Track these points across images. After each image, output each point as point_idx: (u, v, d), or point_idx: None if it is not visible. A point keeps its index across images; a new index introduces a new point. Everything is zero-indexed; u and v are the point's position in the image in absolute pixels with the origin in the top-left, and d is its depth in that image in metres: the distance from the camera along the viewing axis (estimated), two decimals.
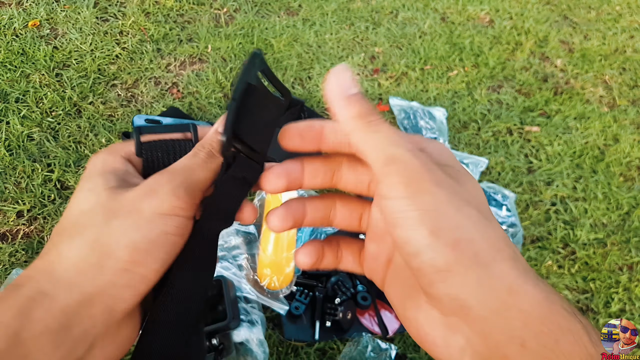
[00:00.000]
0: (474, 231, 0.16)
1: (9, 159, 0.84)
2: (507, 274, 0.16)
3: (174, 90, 1.02)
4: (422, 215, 0.16)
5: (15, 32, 1.05)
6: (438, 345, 0.17)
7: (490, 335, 0.16)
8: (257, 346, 0.65)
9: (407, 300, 0.19)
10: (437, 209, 0.16)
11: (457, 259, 0.16)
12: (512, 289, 0.16)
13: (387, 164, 0.17)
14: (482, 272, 0.16)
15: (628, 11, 1.48)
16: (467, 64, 1.20)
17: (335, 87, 0.18)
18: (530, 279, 0.16)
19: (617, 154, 1.07)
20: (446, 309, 0.17)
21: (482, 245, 0.16)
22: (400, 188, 0.17)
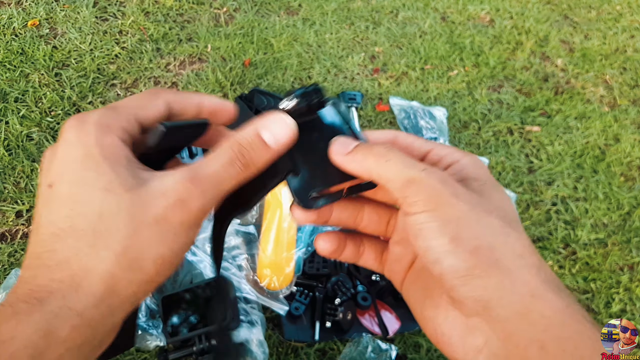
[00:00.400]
0: (494, 239, 0.17)
1: (8, 158, 0.84)
2: (529, 280, 0.17)
3: (174, 89, 1.02)
4: (441, 226, 0.17)
5: (14, 32, 1.05)
6: (454, 344, 0.18)
7: (511, 336, 0.16)
8: (257, 347, 0.65)
9: (426, 300, 0.20)
10: (456, 219, 0.17)
11: (477, 263, 0.17)
12: (535, 294, 0.16)
13: (405, 186, 0.18)
14: (504, 277, 0.16)
15: (629, 11, 1.48)
16: (467, 63, 1.20)
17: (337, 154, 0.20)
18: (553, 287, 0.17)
19: (618, 154, 1.07)
20: (469, 310, 0.17)
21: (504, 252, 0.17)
22: (420, 204, 0.18)
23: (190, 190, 0.17)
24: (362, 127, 1.02)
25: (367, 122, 1.04)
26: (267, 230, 0.75)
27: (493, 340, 0.17)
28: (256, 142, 0.19)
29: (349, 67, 1.13)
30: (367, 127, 1.03)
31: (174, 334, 0.61)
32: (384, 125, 1.03)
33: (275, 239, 0.74)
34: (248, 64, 1.09)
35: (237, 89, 1.04)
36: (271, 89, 1.05)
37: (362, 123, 1.03)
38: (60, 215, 0.17)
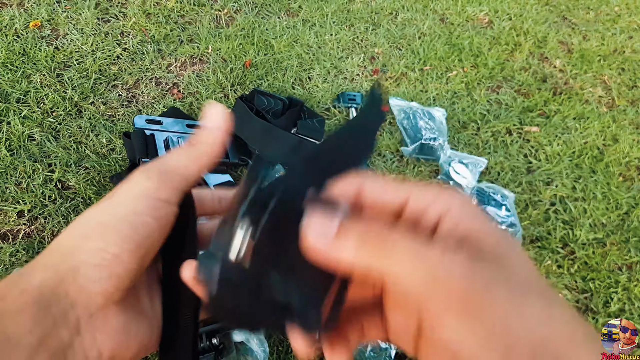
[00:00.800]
0: (548, 328, 0.14)
1: (10, 159, 0.85)
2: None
3: (175, 90, 1.03)
4: (489, 336, 0.14)
5: (16, 33, 1.05)
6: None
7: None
8: (257, 345, 0.65)
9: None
10: (502, 321, 0.14)
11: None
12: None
13: (427, 287, 0.14)
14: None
15: (627, 12, 1.49)
16: (466, 64, 1.21)
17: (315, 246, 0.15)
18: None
19: (616, 154, 1.07)
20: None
21: (559, 341, 0.14)
22: (454, 309, 0.14)
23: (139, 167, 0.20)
24: None
25: None
26: None
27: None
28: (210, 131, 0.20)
29: (349, 68, 1.14)
30: None
31: None
32: (384, 126, 1.04)
33: None
34: (249, 64, 1.10)
35: (238, 90, 1.04)
36: (271, 90, 1.05)
37: None
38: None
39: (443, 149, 0.97)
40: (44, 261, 0.18)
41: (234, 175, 0.89)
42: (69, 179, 0.84)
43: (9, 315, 0.16)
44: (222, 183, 0.84)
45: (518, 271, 0.15)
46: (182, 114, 0.95)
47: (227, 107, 1.00)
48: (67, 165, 0.86)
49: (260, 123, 0.86)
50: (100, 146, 0.89)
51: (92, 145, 0.89)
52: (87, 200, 0.82)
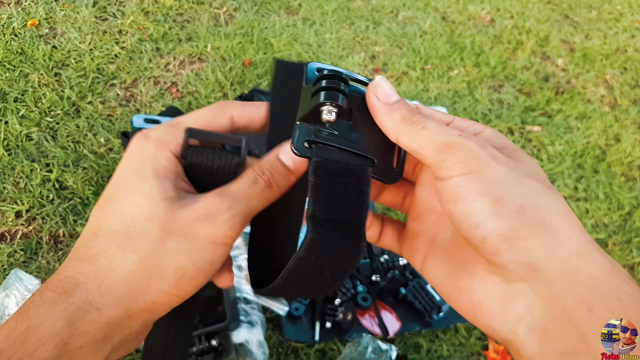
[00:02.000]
0: (538, 199, 0.17)
1: (8, 158, 0.84)
2: (575, 240, 0.16)
3: (173, 89, 1.02)
4: (484, 187, 0.16)
5: (14, 32, 1.05)
6: (493, 313, 0.17)
7: (557, 299, 0.15)
8: (257, 347, 0.65)
9: (457, 272, 0.19)
10: (498, 180, 0.17)
11: (524, 224, 0.16)
12: (581, 253, 0.16)
13: (441, 151, 0.17)
14: (550, 237, 0.16)
15: (629, 10, 1.48)
16: (467, 63, 1.20)
17: (375, 99, 0.19)
18: (597, 247, 0.16)
19: (618, 154, 1.07)
20: (512, 275, 0.16)
21: (548, 212, 0.16)
22: (459, 166, 0.17)
23: (217, 204, 0.19)
24: None
25: None
26: None
27: (536, 305, 0.16)
28: (276, 163, 0.21)
29: (349, 67, 1.13)
30: None
31: None
32: None
33: None
34: (248, 63, 1.09)
35: (237, 89, 1.03)
36: None
37: None
38: (101, 215, 0.19)
39: None
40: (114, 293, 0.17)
41: None
42: (67, 178, 0.83)
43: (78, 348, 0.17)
44: None
45: (526, 165, 0.18)
46: (181, 113, 0.94)
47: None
48: (65, 165, 0.85)
49: None
50: (99, 146, 0.89)
51: (90, 144, 0.89)
52: (85, 200, 0.81)
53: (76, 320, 0.17)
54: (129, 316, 0.18)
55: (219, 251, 0.19)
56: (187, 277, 0.18)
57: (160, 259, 0.18)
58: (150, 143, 0.19)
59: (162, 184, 0.18)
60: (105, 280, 0.17)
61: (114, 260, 0.18)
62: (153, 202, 0.18)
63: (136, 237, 0.18)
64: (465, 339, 0.75)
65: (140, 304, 0.18)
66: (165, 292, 0.18)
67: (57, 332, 0.16)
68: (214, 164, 0.20)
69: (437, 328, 0.74)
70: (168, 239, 0.18)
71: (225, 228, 0.18)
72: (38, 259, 0.74)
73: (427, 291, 0.74)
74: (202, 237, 0.18)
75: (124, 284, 0.17)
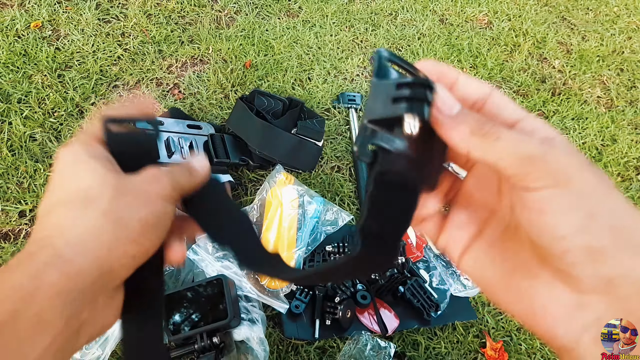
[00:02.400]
0: (627, 217, 0.17)
1: (12, 159, 0.85)
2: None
3: (175, 91, 1.03)
4: (575, 201, 0.16)
5: (17, 33, 1.06)
6: (558, 319, 0.17)
7: (631, 313, 0.16)
8: (258, 344, 0.65)
9: (515, 272, 0.19)
10: (588, 193, 0.16)
11: (614, 242, 0.16)
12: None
13: (525, 164, 0.17)
14: (635, 256, 0.16)
15: (626, 12, 1.49)
16: (465, 65, 1.21)
17: (436, 112, 0.18)
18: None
19: (614, 154, 1.08)
20: (586, 287, 0.17)
21: (635, 231, 0.16)
22: (547, 180, 0.17)
23: (158, 171, 0.22)
24: None
25: None
26: (268, 229, 0.76)
27: (607, 318, 0.16)
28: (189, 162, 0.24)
29: (349, 69, 1.14)
30: None
31: (175, 332, 0.62)
32: None
33: (275, 239, 0.75)
34: (249, 65, 1.10)
35: (238, 90, 1.05)
36: (272, 91, 1.06)
37: None
38: (55, 195, 0.20)
39: None
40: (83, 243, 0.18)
41: (234, 175, 0.89)
42: None
43: (47, 298, 0.17)
44: (222, 183, 0.84)
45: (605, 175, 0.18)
46: (183, 114, 0.96)
47: (228, 108, 1.01)
48: None
49: (260, 123, 0.87)
50: None
51: None
52: None
53: (42, 273, 0.17)
54: (99, 266, 0.18)
55: (168, 207, 0.21)
56: (150, 225, 0.20)
57: (122, 211, 0.19)
58: (76, 142, 0.21)
59: (103, 162, 0.21)
60: (70, 234, 0.18)
61: (77, 219, 0.19)
62: (101, 174, 0.20)
63: (94, 197, 0.19)
64: (462, 336, 0.76)
65: (112, 252, 0.18)
66: (133, 240, 0.19)
67: (20, 285, 0.17)
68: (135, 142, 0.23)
69: (435, 326, 0.75)
70: (124, 195, 0.20)
71: (169, 187, 0.21)
72: None
73: (425, 289, 0.75)
74: (152, 193, 0.21)
75: (90, 234, 0.18)
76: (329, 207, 0.83)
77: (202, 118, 0.98)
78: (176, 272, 0.73)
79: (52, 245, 0.18)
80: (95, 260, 0.18)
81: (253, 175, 0.91)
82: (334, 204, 0.85)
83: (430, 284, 0.79)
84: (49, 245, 0.18)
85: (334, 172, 0.95)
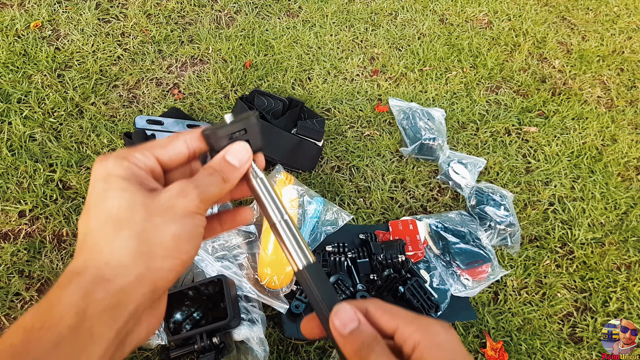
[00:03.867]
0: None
1: (11, 159, 0.85)
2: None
3: (175, 91, 1.03)
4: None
5: (17, 33, 1.06)
6: None
7: None
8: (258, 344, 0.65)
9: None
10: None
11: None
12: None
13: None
14: None
15: (626, 12, 1.49)
16: (465, 65, 1.21)
17: (332, 327, 0.22)
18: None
19: (614, 154, 1.08)
20: None
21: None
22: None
23: (185, 185, 0.23)
24: (362, 127, 1.04)
25: (367, 122, 1.05)
26: (268, 229, 0.76)
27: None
28: (223, 162, 0.24)
29: (349, 69, 1.14)
30: (366, 128, 1.04)
31: (175, 332, 0.62)
32: (384, 126, 1.04)
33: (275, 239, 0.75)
34: (249, 65, 1.10)
35: (238, 90, 1.05)
36: (272, 90, 1.06)
37: (362, 124, 1.04)
38: (87, 218, 0.21)
39: (442, 149, 0.98)
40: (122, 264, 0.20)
41: None
42: (70, 179, 0.84)
43: (96, 315, 0.19)
44: None
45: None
46: (183, 114, 0.95)
47: (228, 108, 1.00)
48: (69, 165, 0.86)
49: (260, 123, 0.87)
50: (102, 146, 0.90)
51: (93, 145, 0.90)
52: None
53: (91, 292, 0.19)
54: (139, 282, 0.20)
55: (197, 220, 0.22)
56: (183, 239, 0.21)
57: (155, 231, 0.21)
58: (110, 158, 0.22)
59: (131, 181, 0.22)
60: (111, 257, 0.20)
61: (114, 241, 0.20)
62: (131, 193, 0.21)
63: (126, 220, 0.21)
64: (463, 336, 0.76)
65: (148, 269, 0.20)
66: (167, 256, 0.21)
67: (74, 302, 0.19)
68: None
69: None
70: (154, 215, 0.21)
71: (197, 201, 0.22)
72: (41, 258, 0.75)
73: (425, 290, 0.75)
74: (180, 209, 0.22)
75: (129, 255, 0.20)
76: (329, 207, 0.83)
77: (202, 118, 0.98)
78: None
79: (94, 267, 0.20)
80: (136, 278, 0.20)
81: None
82: (334, 204, 0.85)
83: (431, 284, 0.79)
84: (92, 266, 0.20)
85: (334, 172, 0.95)
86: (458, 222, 0.86)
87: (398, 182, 0.96)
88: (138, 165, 0.23)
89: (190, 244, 0.22)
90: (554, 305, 0.82)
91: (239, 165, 0.24)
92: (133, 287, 0.20)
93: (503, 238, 0.86)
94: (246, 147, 0.25)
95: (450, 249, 0.81)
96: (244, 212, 0.27)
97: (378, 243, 0.79)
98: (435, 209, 0.92)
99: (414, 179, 0.96)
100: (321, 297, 0.24)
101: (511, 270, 0.85)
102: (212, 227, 0.27)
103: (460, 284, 0.80)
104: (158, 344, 0.66)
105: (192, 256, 0.22)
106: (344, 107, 1.06)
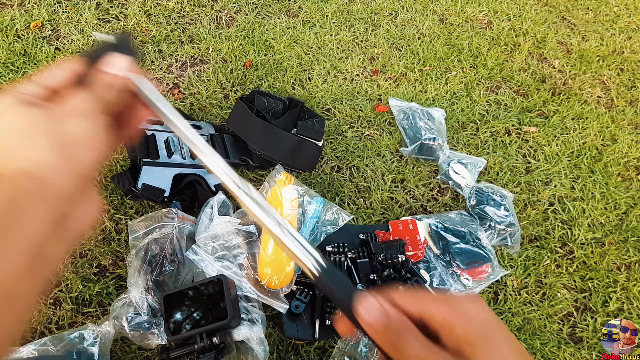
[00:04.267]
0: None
1: None
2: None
3: (175, 91, 1.03)
4: None
5: (17, 33, 1.06)
6: None
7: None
8: (258, 345, 0.65)
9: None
10: None
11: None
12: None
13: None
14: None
15: (626, 12, 1.49)
16: (465, 65, 1.21)
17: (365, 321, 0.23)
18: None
19: (614, 154, 1.08)
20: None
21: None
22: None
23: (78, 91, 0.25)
24: (362, 127, 1.04)
25: (367, 122, 1.05)
26: None
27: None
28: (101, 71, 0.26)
29: (349, 69, 1.14)
30: (366, 128, 1.04)
31: (175, 332, 0.62)
32: (384, 126, 1.04)
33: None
34: (249, 65, 1.10)
35: (238, 90, 1.05)
36: (272, 90, 1.06)
37: (362, 124, 1.04)
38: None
39: (442, 149, 0.98)
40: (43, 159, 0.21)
41: None
42: None
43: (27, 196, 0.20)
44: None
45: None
46: (183, 114, 0.96)
47: (228, 108, 1.00)
48: None
49: (260, 123, 0.87)
50: None
51: None
52: None
53: (18, 183, 0.20)
54: (60, 171, 0.21)
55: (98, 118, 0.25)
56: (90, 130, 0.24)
57: (59, 127, 0.22)
58: (7, 94, 0.23)
59: (22, 103, 0.23)
60: (25, 154, 0.21)
61: (22, 142, 0.21)
62: (26, 109, 0.22)
63: (27, 126, 0.22)
64: None
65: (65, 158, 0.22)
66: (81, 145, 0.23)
67: (4, 190, 0.20)
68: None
69: None
70: (51, 117, 0.23)
71: (90, 101, 0.25)
72: None
73: (425, 290, 0.75)
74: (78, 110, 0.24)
75: (43, 150, 0.21)
76: (329, 207, 0.83)
77: (202, 118, 0.98)
78: (176, 272, 0.73)
79: (12, 167, 0.21)
80: (56, 167, 0.21)
81: (253, 175, 0.91)
82: (334, 204, 0.85)
83: (431, 284, 0.79)
84: (9, 166, 0.21)
85: (334, 172, 0.95)
86: (458, 222, 0.86)
87: (398, 182, 0.96)
88: (23, 92, 0.24)
89: (98, 135, 0.24)
90: (554, 305, 0.82)
91: (118, 74, 0.27)
92: (55, 174, 0.21)
93: (503, 238, 0.86)
94: (116, 55, 0.27)
95: (450, 249, 0.81)
96: (140, 109, 0.29)
97: (378, 243, 0.79)
98: (435, 209, 0.92)
99: (414, 179, 0.96)
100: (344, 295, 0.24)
101: (511, 270, 0.85)
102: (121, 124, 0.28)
103: (460, 284, 0.80)
104: (158, 344, 0.66)
105: (105, 145, 0.24)
106: (344, 107, 1.06)
